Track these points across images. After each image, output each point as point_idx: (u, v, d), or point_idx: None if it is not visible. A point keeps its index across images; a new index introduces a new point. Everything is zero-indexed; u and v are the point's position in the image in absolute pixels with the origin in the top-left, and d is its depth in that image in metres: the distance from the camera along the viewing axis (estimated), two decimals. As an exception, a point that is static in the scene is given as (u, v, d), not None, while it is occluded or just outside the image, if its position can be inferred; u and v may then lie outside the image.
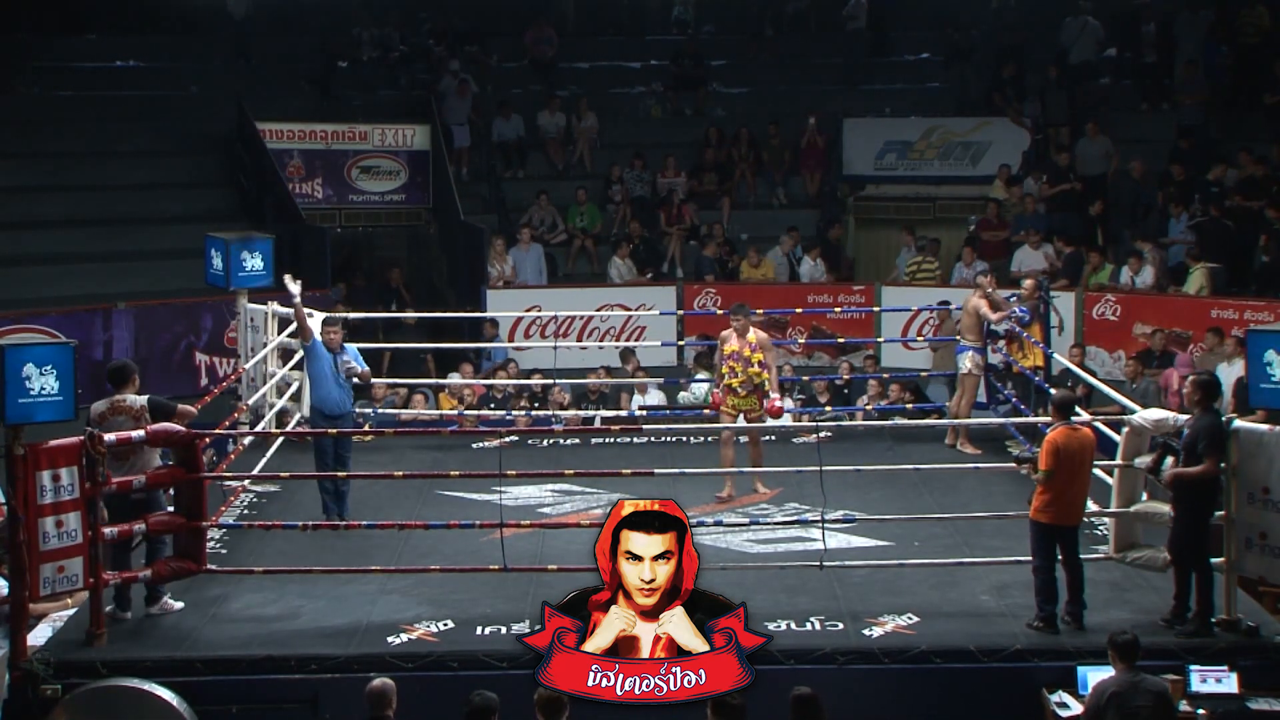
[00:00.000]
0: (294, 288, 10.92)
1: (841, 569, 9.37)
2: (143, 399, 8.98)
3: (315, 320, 11.01)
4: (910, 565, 9.41)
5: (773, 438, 12.62)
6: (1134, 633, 7.94)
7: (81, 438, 8.39)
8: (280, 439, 11.80)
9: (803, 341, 16.35)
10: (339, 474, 10.35)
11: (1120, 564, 9.29)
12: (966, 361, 12.27)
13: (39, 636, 8.75)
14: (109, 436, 8.51)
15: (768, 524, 10.17)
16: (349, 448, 10.66)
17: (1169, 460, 8.79)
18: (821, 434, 11.03)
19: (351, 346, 10.84)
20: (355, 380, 10.78)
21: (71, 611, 9.08)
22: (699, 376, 14.41)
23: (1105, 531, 9.80)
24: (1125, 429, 9.34)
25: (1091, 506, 9.80)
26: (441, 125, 18.24)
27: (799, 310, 15.43)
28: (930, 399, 14.51)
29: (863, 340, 15.62)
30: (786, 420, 12.67)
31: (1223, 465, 8.63)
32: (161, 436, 8.79)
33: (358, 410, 13.28)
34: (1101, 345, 15.44)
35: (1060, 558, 8.69)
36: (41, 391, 8.25)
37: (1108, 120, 17.81)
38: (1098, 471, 9.71)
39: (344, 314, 12.53)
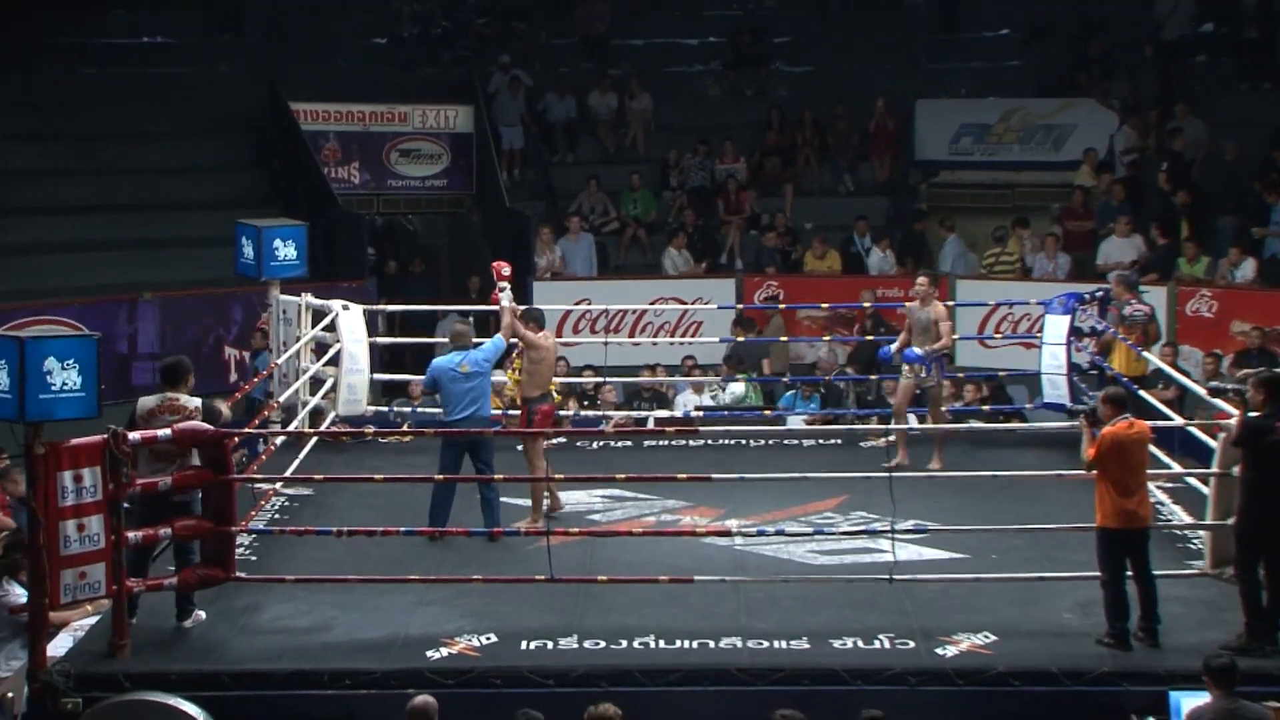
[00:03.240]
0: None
1: (912, 583, 9.31)
2: (197, 400, 9.02)
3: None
4: (987, 579, 9.33)
5: (838, 441, 12.61)
6: (1231, 656, 7.83)
7: (105, 436, 8.41)
8: (314, 439, 11.83)
9: (870, 338, 16.20)
10: (375, 477, 10.34)
11: (1217, 580, 9.15)
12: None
13: (59, 647, 8.79)
14: (133, 435, 8.54)
15: (833, 534, 10.13)
16: (489, 454, 10.45)
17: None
18: (890, 438, 10.98)
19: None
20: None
21: (93, 620, 9.12)
22: (738, 385, 14.37)
23: (1200, 546, 9.68)
24: (1221, 436, 9.21)
25: (1184, 517, 9.68)
26: (491, 129, 18.16)
27: (866, 305, 15.32)
28: (1013, 399, 14.38)
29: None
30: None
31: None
32: (189, 436, 8.82)
33: (395, 409, 13.35)
34: (1195, 344, 15.27)
35: (1130, 571, 8.58)
36: (64, 387, 8.28)
37: (1202, 101, 17.60)
38: (1193, 482, 9.59)
39: (384, 306, 12.54)
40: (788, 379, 14.84)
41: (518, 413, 11.08)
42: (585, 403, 14.20)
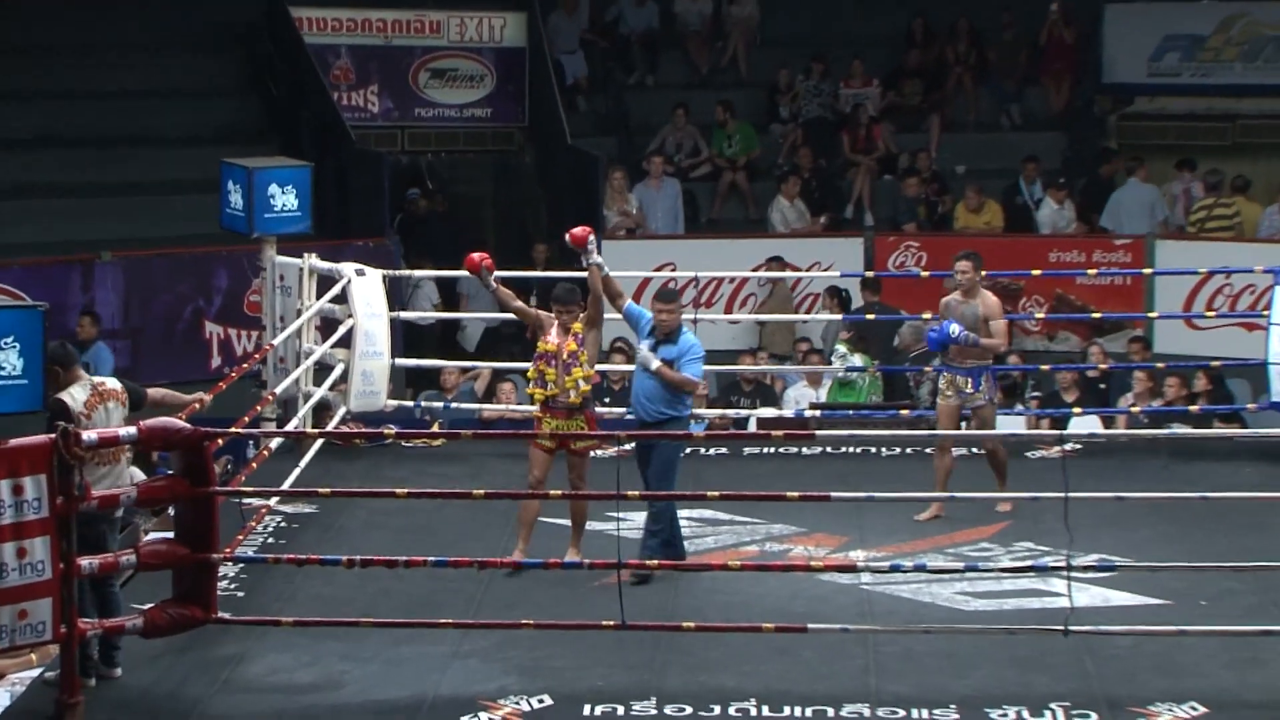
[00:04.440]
0: (589, 240, 10.54)
1: (1095, 636, 9.22)
2: (119, 383, 9.13)
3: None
4: (1195, 633, 9.22)
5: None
6: None
7: (52, 436, 8.45)
8: (319, 441, 11.88)
9: (1041, 316, 16.21)
10: (397, 492, 10.31)
11: None
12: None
13: (-7, 705, 8.88)
14: (88, 435, 8.59)
15: (991, 571, 10.08)
16: (674, 462, 10.39)
17: None
18: (1068, 446, 10.88)
19: (690, 340, 10.46)
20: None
21: (36, 672, 9.20)
22: (854, 362, 14.30)
23: None
24: None
25: None
26: (551, 58, 18.28)
27: (1037, 272, 15.22)
28: (1233, 397, 14.34)
29: (1128, 316, 15.49)
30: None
31: None
32: (159, 436, 8.86)
33: (422, 405, 13.40)
34: None
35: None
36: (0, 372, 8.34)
37: None
38: None
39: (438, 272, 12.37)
40: (932, 368, 14.75)
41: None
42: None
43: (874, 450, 12.68)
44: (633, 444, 11.48)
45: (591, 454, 10.63)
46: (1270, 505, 10.71)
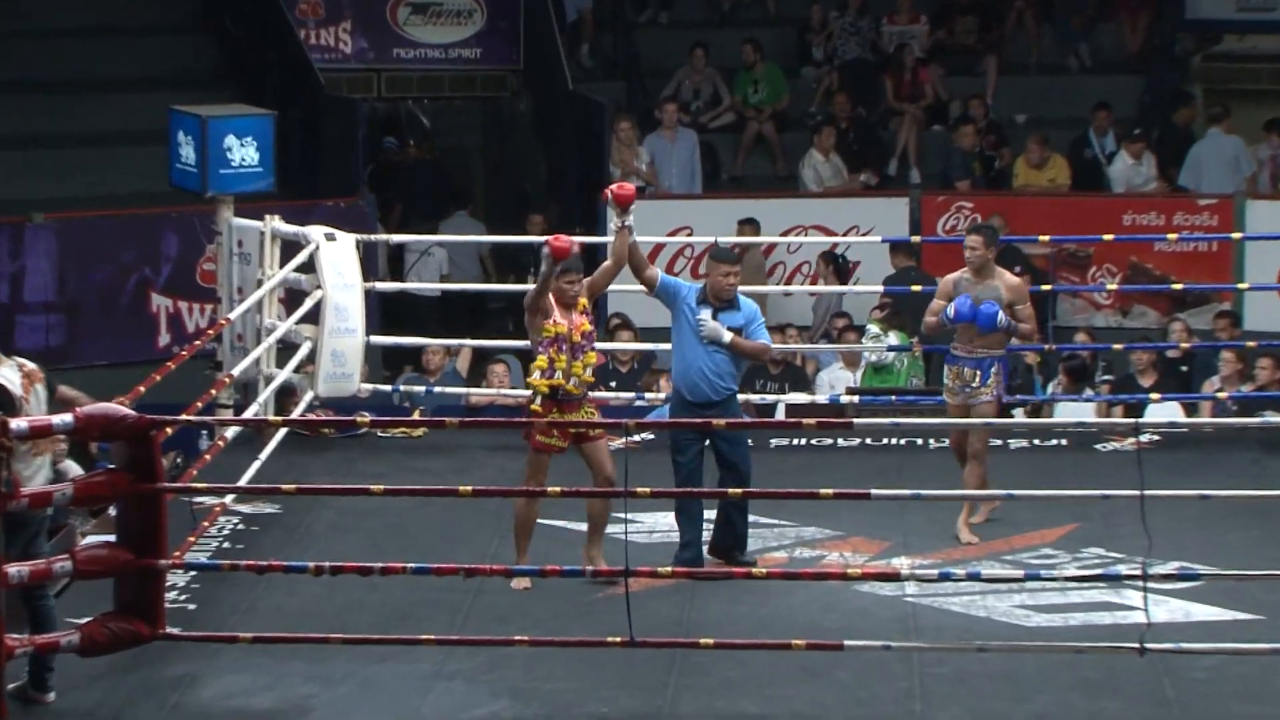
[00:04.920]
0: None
1: (1175, 655, 9.18)
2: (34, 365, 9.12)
3: None
4: (1290, 653, 9.22)
5: (1062, 441, 12.59)
6: None
7: (-24, 424, 8.47)
8: (282, 431, 11.91)
9: (1113, 288, 16.21)
10: (373, 489, 10.30)
11: None
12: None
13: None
14: (17, 423, 8.59)
15: (1055, 581, 10.00)
16: (744, 450, 10.48)
17: None
18: (1144, 437, 10.86)
19: (750, 304, 10.59)
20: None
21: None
22: (890, 340, 14.32)
23: None
24: None
25: None
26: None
27: (1109, 237, 15.19)
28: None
29: (1214, 287, 15.54)
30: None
31: None
32: (99, 424, 8.86)
33: (401, 388, 13.39)
34: None
35: None
36: (-83, 351, 8.34)
37: None
38: None
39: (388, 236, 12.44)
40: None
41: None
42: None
43: (919, 442, 12.66)
44: (642, 434, 11.54)
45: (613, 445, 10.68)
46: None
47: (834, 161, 17.46)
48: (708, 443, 10.43)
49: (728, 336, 10.37)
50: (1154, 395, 13.98)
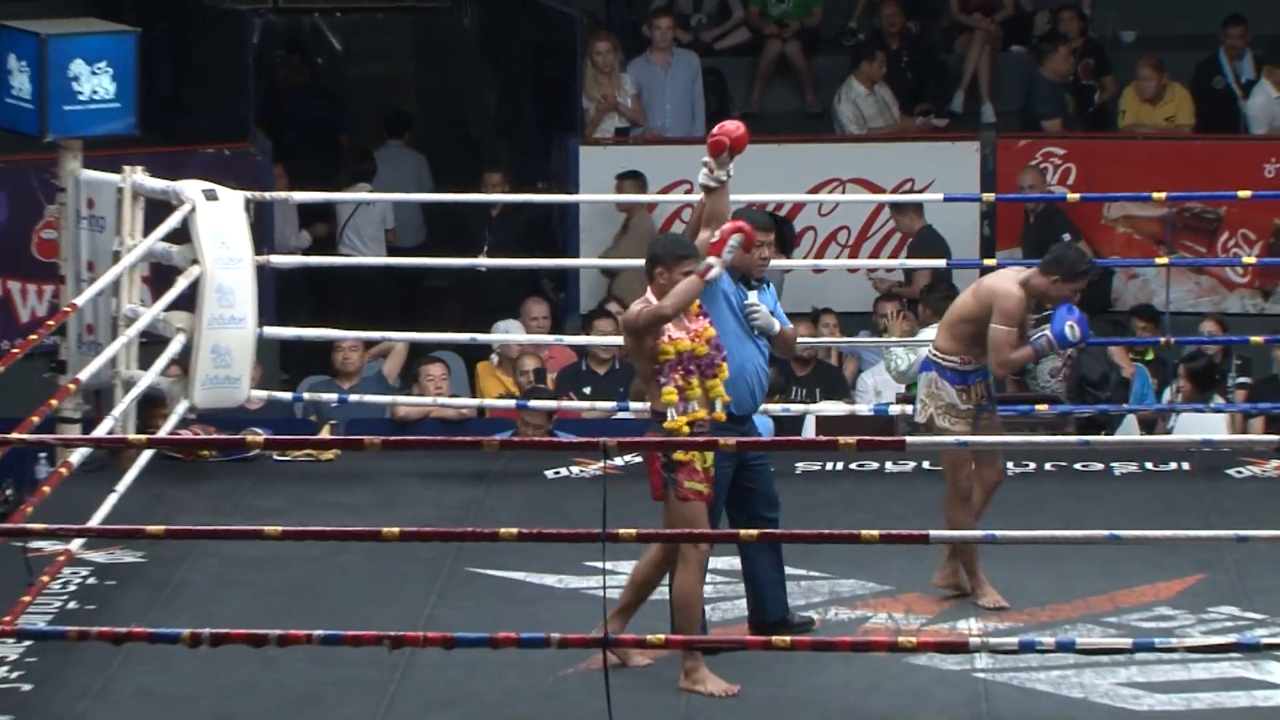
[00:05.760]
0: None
1: (1338, 752, 9.35)
2: None
3: None
4: None
5: (1184, 466, 12.61)
6: None
7: None
8: (147, 453, 11.94)
9: (1251, 261, 16.25)
10: (266, 530, 10.13)
11: None
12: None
13: None
14: None
15: (1174, 651, 9.99)
16: (770, 476, 10.45)
17: None
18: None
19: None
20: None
21: None
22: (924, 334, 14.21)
23: None
24: None
25: None
26: None
27: (1245, 194, 15.05)
28: None
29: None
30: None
31: None
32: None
33: (306, 397, 13.36)
34: None
35: None
36: None
37: None
38: None
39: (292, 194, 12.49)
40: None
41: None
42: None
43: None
44: (626, 456, 11.47)
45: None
46: None
47: (880, 95, 17.55)
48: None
49: (777, 326, 10.35)
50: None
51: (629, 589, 10.24)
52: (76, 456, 11.49)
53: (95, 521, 11.18)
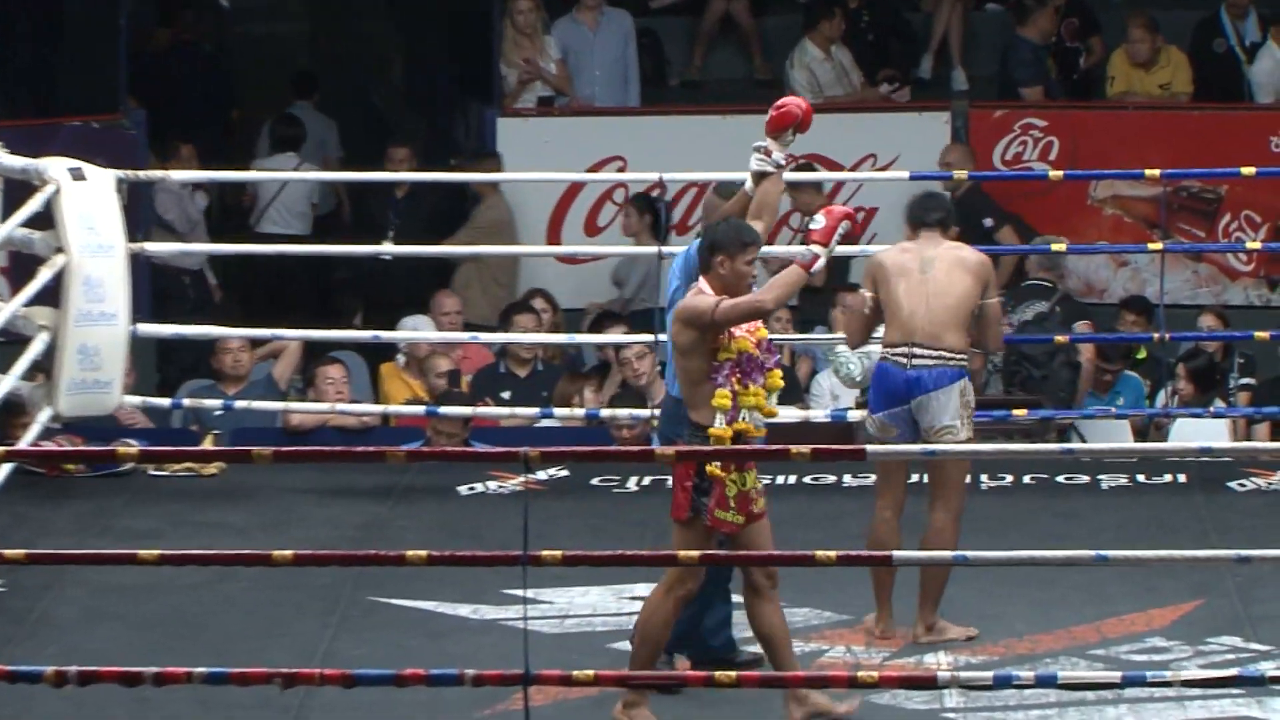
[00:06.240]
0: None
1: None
2: None
3: None
4: None
5: (1180, 477, 12.76)
6: None
7: None
8: (5, 467, 11.97)
9: (1256, 247, 16.34)
10: (141, 554, 10.25)
11: None
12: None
13: None
14: None
15: (1168, 685, 10.05)
16: None
17: None
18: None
19: None
20: None
21: None
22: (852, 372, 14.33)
23: None
24: None
25: None
26: None
27: (1249, 171, 15.22)
28: None
29: None
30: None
31: None
32: None
33: (186, 402, 13.43)
34: None
35: None
36: None
37: None
38: None
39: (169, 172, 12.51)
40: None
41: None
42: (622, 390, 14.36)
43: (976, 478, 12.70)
44: (550, 470, 11.58)
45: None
46: None
47: (838, 58, 17.59)
48: None
49: None
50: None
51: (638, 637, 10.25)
52: (-79, 471, 11.64)
53: (-56, 545, 11.29)
